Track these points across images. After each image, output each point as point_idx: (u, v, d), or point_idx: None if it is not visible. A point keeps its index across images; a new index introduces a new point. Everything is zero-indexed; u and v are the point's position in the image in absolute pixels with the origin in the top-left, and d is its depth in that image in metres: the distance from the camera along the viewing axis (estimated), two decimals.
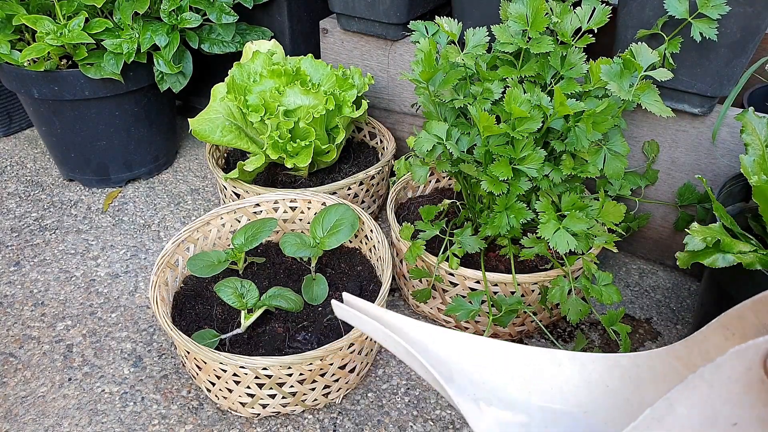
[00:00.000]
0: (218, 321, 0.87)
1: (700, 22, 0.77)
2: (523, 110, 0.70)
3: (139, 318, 0.98)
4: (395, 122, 1.27)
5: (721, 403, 0.27)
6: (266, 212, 1.01)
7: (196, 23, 1.13)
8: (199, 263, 0.88)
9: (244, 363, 0.72)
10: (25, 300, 1.01)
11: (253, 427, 0.81)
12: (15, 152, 1.40)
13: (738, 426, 0.28)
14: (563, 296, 0.81)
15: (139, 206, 1.23)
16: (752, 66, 0.83)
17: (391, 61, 1.18)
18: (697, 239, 0.70)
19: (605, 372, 0.41)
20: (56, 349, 0.92)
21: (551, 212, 0.76)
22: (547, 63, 0.80)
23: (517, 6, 0.79)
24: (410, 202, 1.09)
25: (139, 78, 1.16)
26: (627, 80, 0.74)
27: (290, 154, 1.03)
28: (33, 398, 0.85)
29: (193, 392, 0.86)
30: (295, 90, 1.01)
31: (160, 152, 1.32)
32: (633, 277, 1.08)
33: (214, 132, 1.04)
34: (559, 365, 0.40)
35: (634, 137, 0.99)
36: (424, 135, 0.80)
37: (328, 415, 0.83)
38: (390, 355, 0.92)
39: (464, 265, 0.87)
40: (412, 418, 0.83)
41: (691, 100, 0.89)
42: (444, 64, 0.80)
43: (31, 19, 1.06)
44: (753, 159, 0.76)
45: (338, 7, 1.15)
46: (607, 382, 0.41)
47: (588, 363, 0.42)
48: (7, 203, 1.23)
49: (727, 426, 0.28)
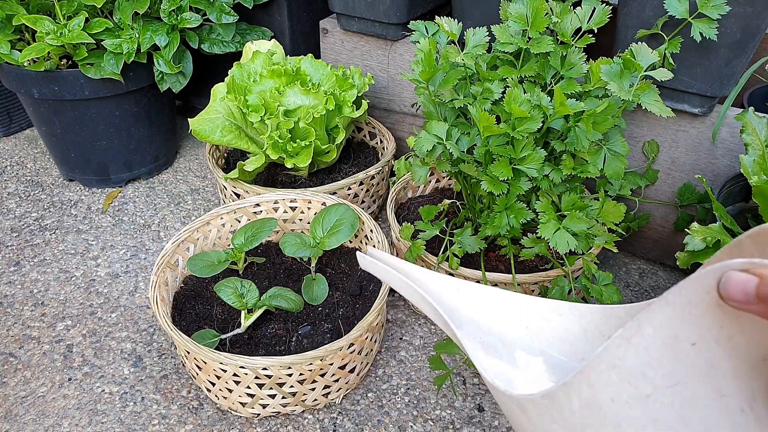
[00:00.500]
0: (218, 321, 0.87)
1: (700, 22, 0.77)
2: (523, 110, 0.70)
3: (139, 318, 0.98)
4: (395, 122, 1.27)
5: (682, 324, 0.29)
6: (266, 212, 1.01)
7: (196, 23, 1.13)
8: (199, 263, 0.89)
9: (244, 363, 0.72)
10: (25, 300, 1.01)
11: (253, 427, 0.81)
12: (15, 152, 1.40)
13: (696, 346, 0.29)
14: (563, 296, 0.81)
15: (139, 206, 1.23)
16: (752, 66, 0.83)
17: (391, 61, 1.18)
18: (697, 239, 0.70)
19: (602, 322, 0.43)
20: (56, 349, 0.92)
21: (551, 212, 0.76)
22: (547, 63, 0.80)
23: (517, 6, 0.79)
24: (410, 202, 1.09)
25: (139, 78, 1.16)
26: (627, 80, 0.74)
27: (290, 154, 1.03)
28: (33, 398, 0.85)
29: (193, 392, 0.86)
30: (295, 90, 1.01)
31: (160, 152, 1.32)
32: (633, 277, 1.08)
33: (214, 132, 1.04)
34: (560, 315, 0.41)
35: (634, 137, 0.99)
36: (424, 135, 0.80)
37: (328, 415, 0.83)
38: (390, 355, 0.92)
39: (464, 265, 0.87)
40: (412, 418, 0.83)
41: (691, 100, 0.89)
42: (444, 64, 0.80)
43: (31, 19, 1.06)
44: (753, 159, 0.76)
45: (338, 7, 1.15)
46: (603, 331, 0.43)
47: (586, 313, 0.43)
48: (7, 203, 1.23)
49: (686, 345, 0.30)
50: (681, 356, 0.30)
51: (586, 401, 0.33)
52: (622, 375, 0.31)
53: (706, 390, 0.30)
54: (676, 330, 0.30)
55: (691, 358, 0.30)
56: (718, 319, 0.29)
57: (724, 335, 0.29)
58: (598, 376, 0.32)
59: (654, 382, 0.31)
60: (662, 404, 0.31)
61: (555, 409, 0.34)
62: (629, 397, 0.32)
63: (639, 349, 0.30)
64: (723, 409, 0.31)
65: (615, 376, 0.31)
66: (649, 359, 0.31)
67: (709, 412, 0.31)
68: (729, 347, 0.29)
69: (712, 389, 0.30)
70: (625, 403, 0.32)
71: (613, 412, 0.32)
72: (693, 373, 0.30)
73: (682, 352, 0.30)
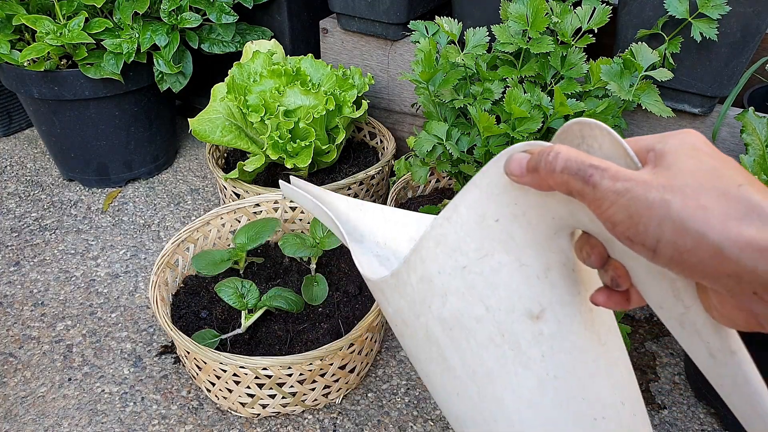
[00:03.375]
0: (218, 321, 0.87)
1: (701, 22, 0.77)
2: (523, 110, 0.70)
3: (139, 318, 0.98)
4: (395, 122, 1.27)
5: (487, 203, 0.34)
6: (266, 212, 1.01)
7: (196, 23, 1.13)
8: (203, 261, 0.88)
9: (244, 363, 0.72)
10: (25, 300, 1.01)
11: (253, 427, 0.81)
12: (15, 152, 1.40)
13: (499, 222, 0.34)
14: None
15: (139, 206, 1.23)
16: (752, 66, 0.83)
17: (391, 61, 1.18)
18: None
19: None
20: (56, 349, 0.92)
21: None
22: (547, 63, 0.80)
23: (517, 6, 0.79)
24: (410, 202, 1.09)
25: (139, 78, 1.16)
26: (627, 80, 0.74)
27: (290, 155, 1.03)
28: (33, 398, 0.85)
29: (193, 392, 0.86)
30: (295, 90, 1.01)
31: (160, 152, 1.32)
32: None
33: (214, 132, 1.04)
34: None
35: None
36: (424, 135, 0.80)
37: (328, 415, 0.83)
38: (390, 355, 0.92)
39: None
40: (412, 419, 0.83)
41: (691, 100, 0.89)
42: (444, 64, 0.80)
43: (31, 19, 1.06)
44: (753, 159, 0.76)
45: (338, 6, 1.15)
46: None
47: None
48: (7, 203, 1.23)
49: (492, 222, 0.35)
50: (488, 232, 0.35)
51: (420, 276, 0.38)
52: (444, 250, 0.36)
53: (509, 260, 0.35)
54: (484, 208, 0.34)
55: (496, 233, 0.35)
56: (512, 196, 0.33)
57: (519, 211, 0.34)
58: (428, 252, 0.37)
59: (468, 255, 0.36)
60: (476, 274, 0.36)
61: (401, 286, 0.40)
62: (451, 269, 0.37)
63: (456, 227, 0.36)
64: (523, 276, 0.35)
65: (440, 252, 0.37)
66: (465, 235, 0.36)
67: (512, 279, 0.35)
68: (524, 222, 0.34)
69: (514, 259, 0.35)
70: (449, 275, 0.37)
71: (441, 283, 0.37)
72: (498, 245, 0.35)
73: (488, 228, 0.35)
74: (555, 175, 0.29)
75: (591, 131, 0.31)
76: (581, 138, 0.31)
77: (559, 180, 0.29)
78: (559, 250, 0.35)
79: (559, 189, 0.30)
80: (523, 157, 0.31)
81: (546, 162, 0.30)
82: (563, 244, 0.35)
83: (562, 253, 0.35)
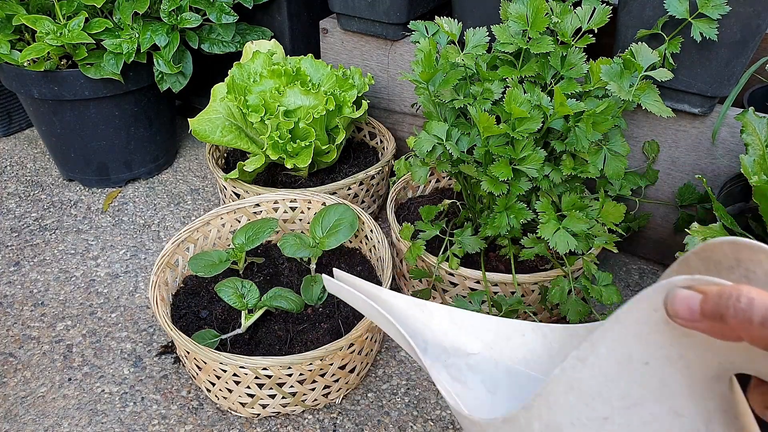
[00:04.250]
0: (218, 321, 0.87)
1: (701, 22, 0.77)
2: (523, 110, 0.70)
3: (139, 318, 0.98)
4: (395, 122, 1.27)
5: (634, 343, 0.29)
6: (266, 212, 1.01)
7: (196, 23, 1.13)
8: (200, 262, 0.88)
9: (244, 363, 0.72)
10: (25, 300, 1.01)
11: (253, 427, 0.81)
12: (15, 152, 1.40)
13: (649, 365, 0.29)
14: (563, 296, 0.81)
15: (139, 206, 1.23)
16: (752, 66, 0.83)
17: (391, 61, 1.18)
18: (698, 239, 0.70)
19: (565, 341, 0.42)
20: (56, 349, 0.92)
21: (551, 212, 0.76)
22: (547, 63, 0.80)
23: (517, 6, 0.79)
24: (410, 202, 1.09)
25: (139, 78, 1.16)
26: (627, 80, 0.74)
27: (290, 155, 1.03)
28: (33, 398, 0.85)
29: (193, 392, 0.86)
30: (295, 90, 1.01)
31: (160, 152, 1.32)
32: (633, 277, 1.08)
33: (214, 132, 1.04)
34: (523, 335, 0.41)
35: (634, 137, 0.99)
36: (424, 135, 0.80)
37: (328, 415, 0.83)
38: (390, 355, 0.92)
39: (464, 265, 0.87)
40: (412, 419, 0.83)
41: (691, 100, 0.89)
42: (444, 64, 0.80)
43: (31, 19, 1.06)
44: (753, 159, 0.76)
45: (338, 7, 1.15)
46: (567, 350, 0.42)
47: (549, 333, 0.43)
48: (7, 203, 1.23)
49: (640, 365, 0.29)
50: (636, 376, 0.30)
51: (546, 424, 0.32)
52: (580, 397, 0.31)
53: (662, 410, 0.30)
54: (629, 349, 0.29)
55: (646, 378, 0.29)
56: (667, 337, 0.28)
57: (675, 353, 0.29)
58: (557, 399, 0.31)
59: (611, 403, 0.30)
60: (620, 426, 0.31)
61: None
62: (588, 420, 0.31)
63: (594, 370, 0.30)
64: (680, 430, 0.30)
65: (573, 398, 0.31)
66: (605, 380, 0.30)
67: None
68: (681, 366, 0.29)
69: (668, 409, 0.30)
70: (584, 425, 0.31)
71: None
72: (648, 393, 0.30)
73: (636, 371, 0.29)
74: (753, 328, 0.24)
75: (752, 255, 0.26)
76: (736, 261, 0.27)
77: (758, 334, 0.24)
78: (720, 396, 0.29)
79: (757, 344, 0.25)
80: (692, 297, 0.26)
81: (737, 310, 0.24)
82: (724, 389, 0.29)
83: (723, 399, 0.29)
